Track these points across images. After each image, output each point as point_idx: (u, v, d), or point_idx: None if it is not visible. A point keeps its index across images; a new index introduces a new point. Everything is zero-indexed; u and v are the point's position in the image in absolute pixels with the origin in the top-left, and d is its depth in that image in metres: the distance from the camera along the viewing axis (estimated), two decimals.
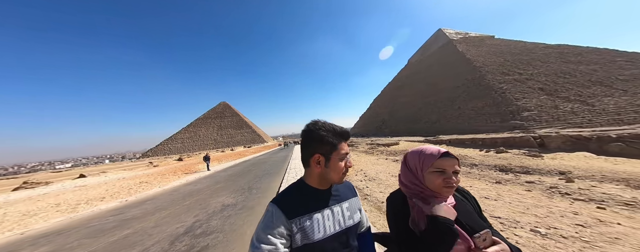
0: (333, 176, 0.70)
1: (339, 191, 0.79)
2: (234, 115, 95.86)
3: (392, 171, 6.48)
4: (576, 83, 19.41)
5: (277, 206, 0.67)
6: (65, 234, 3.68)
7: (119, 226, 3.73)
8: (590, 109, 17.01)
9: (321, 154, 0.69)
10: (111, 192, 7.57)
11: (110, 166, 23.74)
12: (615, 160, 7.12)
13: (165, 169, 16.39)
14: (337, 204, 0.75)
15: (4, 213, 5.32)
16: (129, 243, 2.95)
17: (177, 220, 3.77)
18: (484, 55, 28.13)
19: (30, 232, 3.94)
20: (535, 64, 23.47)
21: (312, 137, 0.71)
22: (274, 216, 0.65)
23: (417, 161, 0.73)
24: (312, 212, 0.69)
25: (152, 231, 3.36)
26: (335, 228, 0.70)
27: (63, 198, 7.07)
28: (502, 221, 2.69)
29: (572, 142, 10.11)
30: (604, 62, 20.89)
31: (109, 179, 12.40)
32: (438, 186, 0.68)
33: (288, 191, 0.74)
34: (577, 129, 13.45)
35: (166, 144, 71.74)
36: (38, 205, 6.21)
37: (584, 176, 4.99)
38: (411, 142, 19.14)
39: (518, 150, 10.15)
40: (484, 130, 19.31)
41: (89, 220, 4.37)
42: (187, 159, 29.78)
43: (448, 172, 0.68)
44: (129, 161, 42.39)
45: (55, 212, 5.18)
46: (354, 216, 0.77)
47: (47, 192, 8.50)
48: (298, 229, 0.65)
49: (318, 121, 0.74)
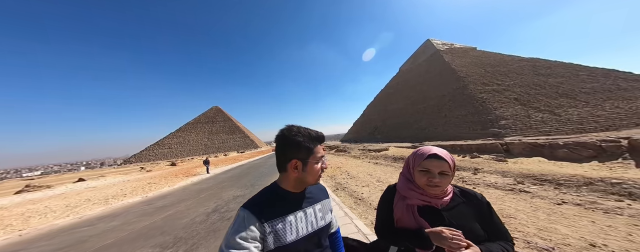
0: (310, 179, 0.73)
1: (312, 193, 0.81)
2: (227, 120, 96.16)
3: (370, 171, 8.08)
4: (546, 94, 22.09)
5: (248, 210, 0.67)
6: (119, 216, 4.88)
7: (159, 210, 5.02)
8: (557, 119, 19.48)
9: (298, 159, 0.71)
10: (127, 191, 8.66)
11: (107, 171, 24.14)
12: (561, 164, 9.02)
13: (164, 172, 17.25)
14: (310, 206, 0.77)
15: (46, 206, 6.47)
16: (178, 217, 4.25)
17: (202, 205, 5.08)
18: (467, 65, 31.10)
19: (86, 217, 5.19)
20: (511, 75, 26.36)
21: (287, 143, 0.72)
22: (246, 220, 0.65)
23: (411, 160, 0.82)
24: (285, 214, 0.70)
25: (188, 212, 4.64)
26: (307, 229, 0.73)
27: (86, 196, 8.13)
28: None
29: (531, 148, 12.09)
30: (569, 75, 23.92)
31: (116, 181, 13.33)
32: (423, 183, 0.75)
33: (260, 195, 0.74)
34: (543, 136, 15.64)
35: (152, 149, 70.73)
36: (69, 201, 7.31)
37: (533, 177, 6.63)
38: (400, 148, 20.90)
39: (488, 155, 12.04)
40: (467, 136, 21.38)
41: (127, 208, 5.63)
42: (181, 164, 30.33)
43: (432, 172, 0.74)
44: (112, 167, 41.83)
45: (92, 204, 6.33)
46: (325, 216, 0.80)
47: (63, 192, 9.47)
48: (270, 231, 0.66)
49: (293, 126, 0.74)
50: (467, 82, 27.16)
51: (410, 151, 17.40)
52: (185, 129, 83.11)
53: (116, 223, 4.40)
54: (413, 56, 45.28)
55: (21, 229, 4.52)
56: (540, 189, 4.72)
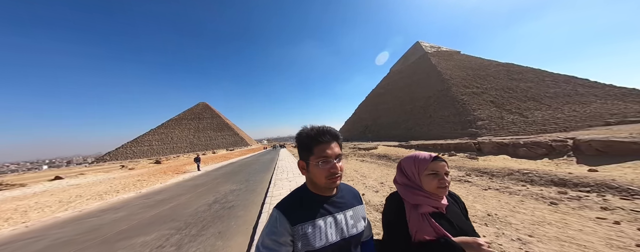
0: (317, 180, 0.71)
1: (344, 198, 0.79)
2: (214, 116, 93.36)
3: (355, 168, 9.02)
4: (517, 98, 24.65)
5: (280, 211, 0.69)
6: (121, 209, 5.22)
7: (160, 203, 5.47)
8: (525, 121, 21.96)
9: (301, 159, 0.73)
10: (118, 188, 8.78)
11: (85, 169, 22.82)
12: (521, 161, 10.60)
13: (151, 170, 16.96)
14: (341, 212, 0.75)
15: (36, 202, 6.54)
16: (182, 208, 4.77)
17: (202, 198, 5.62)
18: (451, 68, 33.39)
19: (86, 210, 5.47)
20: (489, 79, 28.90)
21: (297, 144, 0.74)
22: (278, 222, 0.66)
23: (413, 167, 0.81)
24: (315, 218, 0.70)
25: (189, 203, 5.17)
26: (337, 237, 0.71)
27: (75, 192, 8.16)
28: None
29: (498, 147, 13.81)
30: (537, 80, 26.81)
31: (99, 179, 13.03)
32: (434, 187, 0.76)
33: (291, 196, 0.75)
34: (512, 136, 17.69)
35: (129, 147, 67.23)
36: (59, 197, 7.33)
37: (480, 171, 7.99)
38: (388, 146, 22.28)
39: (463, 153, 13.58)
40: (449, 136, 23.30)
41: (126, 202, 5.97)
42: (166, 161, 29.51)
43: (441, 174, 0.77)
44: (82, 166, 39.12)
45: (86, 200, 6.53)
46: (357, 224, 0.77)
47: (46, 189, 9.30)
48: (300, 235, 0.66)
49: (304, 127, 0.75)
50: (451, 84, 29.30)
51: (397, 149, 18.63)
52: (167, 126, 79.70)
53: (122, 214, 4.82)
54: (403, 57, 47.34)
55: (24, 221, 4.76)
56: (479, 179, 5.92)
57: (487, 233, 2.71)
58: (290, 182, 6.47)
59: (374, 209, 3.98)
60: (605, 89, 22.95)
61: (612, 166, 7.86)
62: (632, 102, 20.31)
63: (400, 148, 19.04)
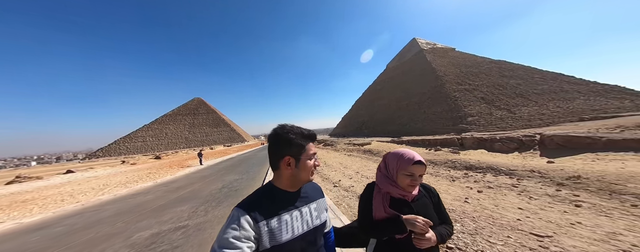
0: (303, 175, 0.77)
1: (307, 192, 0.86)
2: (210, 112, 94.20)
3: (341, 161, 10.58)
4: (506, 94, 26.10)
5: (242, 209, 0.70)
6: (149, 194, 6.57)
7: (179, 189, 6.91)
8: (512, 116, 23.51)
9: (291, 155, 0.76)
10: (135, 178, 10.25)
11: (92, 164, 24.16)
12: (496, 154, 12.22)
13: (155, 165, 18.34)
14: (306, 205, 0.82)
15: (72, 189, 8.03)
16: (198, 192, 6.17)
17: (212, 185, 7.01)
18: (446, 65, 34.55)
19: (119, 195, 6.93)
20: (481, 76, 30.20)
21: (280, 141, 0.77)
22: (240, 220, 0.67)
23: (394, 164, 0.92)
24: (281, 213, 0.74)
25: (202, 189, 6.59)
26: (303, 228, 0.77)
27: (100, 182, 9.60)
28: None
29: (478, 142, 15.38)
30: (527, 77, 28.18)
31: (110, 172, 14.54)
32: (405, 185, 0.89)
33: (255, 195, 0.78)
34: (493, 133, 19.26)
35: (123, 142, 68.02)
36: (88, 186, 8.78)
37: (445, 163, 9.61)
38: (381, 142, 23.83)
39: (448, 148, 15.18)
40: (441, 131, 24.83)
41: (149, 189, 7.43)
42: (166, 157, 30.90)
43: (415, 176, 0.89)
44: (76, 162, 40.20)
45: (113, 187, 8.01)
46: (321, 215, 0.86)
47: (69, 181, 10.76)
48: (266, 231, 0.69)
49: (285, 125, 0.79)
50: (444, 81, 30.58)
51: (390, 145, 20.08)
52: (161, 121, 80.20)
53: (152, 197, 6.29)
54: (399, 54, 48.26)
55: (77, 201, 6.24)
56: (440, 168, 7.54)
57: None
58: None
59: (344, 189, 5.49)
60: (589, 86, 24.40)
61: (567, 157, 9.47)
62: (613, 99, 21.83)
63: (392, 144, 20.62)
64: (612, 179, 5.07)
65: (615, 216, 3.32)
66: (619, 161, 7.88)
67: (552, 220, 3.23)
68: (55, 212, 5.41)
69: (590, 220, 3.22)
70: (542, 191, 4.76)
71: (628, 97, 21.63)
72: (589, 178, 5.14)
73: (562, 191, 4.62)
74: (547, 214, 3.52)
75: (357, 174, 7.22)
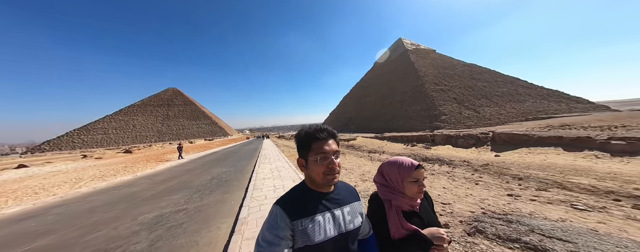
0: (316, 177, 0.77)
1: (340, 194, 0.85)
2: (188, 103, 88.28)
3: None
4: (473, 95, 29.53)
5: (280, 206, 0.74)
6: (133, 186, 6.54)
7: (165, 181, 7.08)
8: (477, 116, 26.84)
9: (301, 157, 0.80)
10: (112, 172, 9.89)
11: (42, 158, 21.23)
12: (458, 150, 14.21)
13: (128, 158, 17.13)
14: (339, 208, 0.82)
15: (40, 183, 7.62)
16: (187, 183, 6.44)
17: (200, 177, 7.32)
18: (426, 66, 37.30)
19: (99, 188, 6.86)
20: (455, 78, 33.47)
21: (296, 142, 0.82)
22: (278, 217, 0.72)
23: (397, 174, 0.90)
24: (314, 214, 0.76)
25: (192, 180, 6.83)
26: (335, 231, 0.77)
27: (69, 176, 9.07)
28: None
29: (446, 138, 17.54)
30: (492, 80, 32.06)
31: (80, 165, 13.53)
32: (414, 192, 0.88)
33: (291, 193, 0.81)
34: (459, 130, 21.95)
35: (77, 134, 61.08)
36: (57, 179, 8.25)
37: (429, 158, 11.10)
38: (365, 138, 25.35)
39: (422, 144, 17.08)
40: (419, 128, 27.28)
41: (132, 182, 7.33)
42: (138, 151, 28.76)
43: (420, 181, 0.89)
44: (17, 157, 35.06)
45: (90, 181, 7.79)
46: (354, 220, 0.84)
47: (31, 175, 9.86)
48: (300, 230, 0.72)
49: (303, 127, 0.83)
50: (424, 81, 33.23)
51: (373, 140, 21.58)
52: (127, 112, 73.56)
53: (138, 189, 6.42)
54: (386, 53, 50.38)
55: (54, 194, 6.13)
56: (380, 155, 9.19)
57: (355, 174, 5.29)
58: (271, 164, 8.46)
59: None
60: (537, 90, 28.92)
61: (509, 152, 11.64)
62: (553, 102, 26.26)
63: (375, 140, 22.25)
64: (505, 165, 6.87)
65: (492, 189, 4.84)
66: (543, 154, 10.11)
67: (457, 193, 4.59)
68: (35, 204, 5.36)
69: (477, 192, 4.71)
70: (462, 175, 6.27)
71: (565, 101, 26.20)
72: (494, 165, 6.87)
73: (475, 175, 6.19)
74: (457, 190, 4.89)
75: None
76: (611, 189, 4.48)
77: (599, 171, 5.84)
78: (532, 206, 3.70)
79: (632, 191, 4.29)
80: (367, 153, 13.14)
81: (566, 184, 5.05)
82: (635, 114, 15.52)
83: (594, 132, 11.23)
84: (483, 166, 6.91)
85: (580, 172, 5.75)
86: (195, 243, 2.82)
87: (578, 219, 3.01)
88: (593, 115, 17.69)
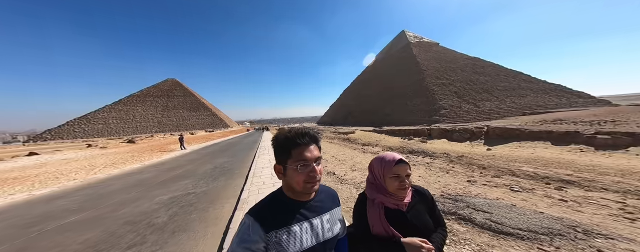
0: (295, 185, 0.72)
1: (322, 201, 0.82)
2: (187, 95, 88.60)
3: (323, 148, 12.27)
4: (474, 89, 29.58)
5: (253, 217, 0.69)
6: (143, 173, 7.25)
7: (172, 169, 7.73)
8: (477, 110, 27.11)
9: (278, 163, 0.74)
10: (121, 160, 10.68)
11: (52, 147, 22.11)
12: (452, 143, 14.80)
13: (133, 148, 17.99)
14: (318, 217, 0.78)
15: (56, 169, 8.43)
16: (192, 172, 7.07)
17: (203, 166, 7.98)
18: (428, 60, 36.89)
19: (113, 174, 7.64)
20: (457, 71, 33.26)
21: (274, 147, 0.75)
22: (251, 229, 0.67)
23: (379, 169, 0.92)
24: (290, 225, 0.71)
25: (196, 169, 7.50)
26: (312, 241, 0.73)
27: (82, 164, 9.88)
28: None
29: (442, 132, 18.09)
30: (494, 74, 31.89)
31: (88, 154, 14.40)
32: (395, 188, 0.87)
33: (266, 202, 0.76)
34: (462, 123, 22.38)
35: (78, 124, 62.18)
36: (71, 167, 9.08)
37: (416, 150, 11.73)
38: (364, 131, 25.94)
39: (419, 138, 17.65)
40: (418, 122, 27.68)
41: (141, 170, 8.04)
42: (141, 141, 29.65)
43: (402, 177, 0.88)
44: (19, 145, 36.05)
45: (103, 168, 8.59)
46: (333, 228, 0.81)
47: (45, 162, 10.65)
48: (274, 242, 0.68)
49: (281, 129, 0.78)
50: (426, 75, 33.10)
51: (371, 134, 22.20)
52: (128, 102, 74.23)
53: (149, 176, 7.13)
54: (388, 46, 49.41)
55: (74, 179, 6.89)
56: (393, 153, 9.58)
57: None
58: (269, 155, 9.14)
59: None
60: (539, 85, 28.86)
61: (501, 146, 12.21)
62: (554, 96, 26.34)
63: (373, 133, 22.85)
64: (478, 157, 7.48)
65: (458, 176, 5.50)
66: (532, 148, 10.68)
67: (428, 181, 5.28)
68: (59, 187, 6.11)
69: (445, 179, 5.39)
70: (439, 165, 6.92)
71: (566, 95, 26.26)
72: (467, 157, 7.50)
73: (449, 165, 6.84)
74: (430, 178, 5.55)
75: (333, 158, 8.84)
76: (547, 175, 5.10)
77: (580, 163, 6.23)
78: (482, 189, 4.33)
79: (563, 176, 4.94)
80: (361, 146, 13.78)
81: (516, 171, 5.68)
82: (631, 109, 15.84)
83: (583, 127, 11.70)
84: (458, 157, 7.57)
85: (562, 165, 6.11)
86: (205, 218, 3.47)
87: (509, 197, 3.68)
88: (590, 110, 18.02)
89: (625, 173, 5.04)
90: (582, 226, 2.46)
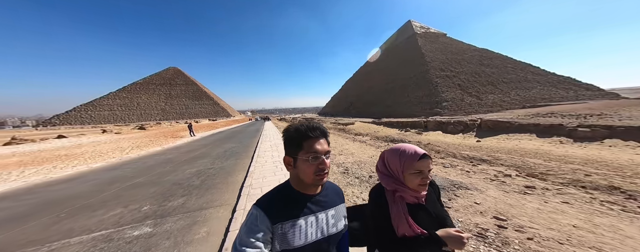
0: (304, 177, 0.75)
1: (327, 196, 0.85)
2: (189, 83, 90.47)
3: None
4: (479, 82, 29.71)
5: (260, 208, 0.72)
6: (166, 155, 9.00)
7: (189, 152, 9.34)
8: (479, 103, 27.58)
9: (288, 155, 0.77)
10: (142, 144, 12.58)
11: (75, 131, 24.63)
12: (446, 135, 15.98)
13: (148, 134, 19.96)
14: (323, 211, 0.81)
15: (93, 149, 10.39)
16: (207, 153, 8.69)
17: (215, 150, 9.55)
18: (434, 51, 36.52)
19: (142, 155, 9.49)
20: (463, 63, 33.10)
21: (285, 140, 0.79)
22: (258, 219, 0.70)
23: (398, 163, 0.86)
24: (296, 217, 0.74)
25: (209, 152, 9.07)
26: (317, 235, 0.76)
27: (112, 146, 11.83)
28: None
29: (437, 124, 19.13)
30: (501, 66, 31.67)
31: (109, 139, 16.37)
32: (416, 185, 0.83)
33: (272, 194, 0.79)
34: (458, 116, 23.20)
35: (85, 110, 65.21)
36: (105, 148, 10.98)
37: (385, 138, 13.06)
38: (363, 123, 27.02)
39: (415, 130, 18.86)
40: (420, 114, 28.50)
41: (162, 152, 9.72)
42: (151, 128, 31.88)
43: (425, 173, 0.83)
44: (27, 130, 38.77)
45: (131, 150, 10.45)
46: (338, 223, 0.83)
47: (80, 143, 12.81)
48: (279, 234, 0.71)
49: (292, 123, 0.82)
50: (430, 67, 33.09)
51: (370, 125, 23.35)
52: (131, 90, 76.87)
53: (172, 156, 8.82)
54: (393, 36, 48.37)
55: (113, 157, 8.73)
56: (381, 142, 10.95)
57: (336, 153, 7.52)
58: (271, 142, 10.65)
59: None
60: (547, 77, 28.64)
61: (490, 138, 13.35)
62: (562, 89, 26.32)
63: (372, 124, 24.03)
64: (454, 146, 8.72)
65: (438, 165, 6.81)
66: (517, 140, 11.84)
67: None
68: (107, 162, 7.92)
69: None
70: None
71: (574, 88, 26.21)
72: (442, 146, 8.76)
73: (430, 154, 8.34)
74: None
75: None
76: (500, 157, 6.34)
77: (555, 153, 6.97)
78: (446, 172, 5.56)
79: (531, 164, 6.14)
80: (353, 135, 15.21)
81: (490, 159, 6.96)
82: (631, 102, 16.39)
83: (568, 120, 12.64)
84: (428, 145, 8.88)
85: (538, 155, 6.86)
86: (226, 181, 4.98)
87: (461, 176, 5.00)
88: (588, 103, 18.54)
89: (588, 162, 5.79)
90: (459, 183, 3.92)
